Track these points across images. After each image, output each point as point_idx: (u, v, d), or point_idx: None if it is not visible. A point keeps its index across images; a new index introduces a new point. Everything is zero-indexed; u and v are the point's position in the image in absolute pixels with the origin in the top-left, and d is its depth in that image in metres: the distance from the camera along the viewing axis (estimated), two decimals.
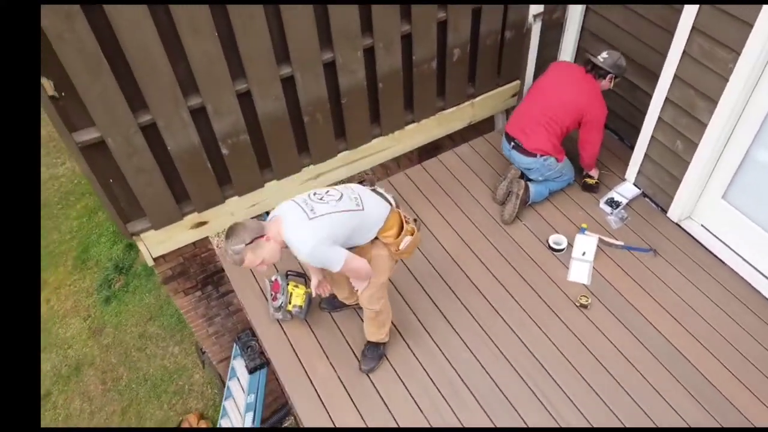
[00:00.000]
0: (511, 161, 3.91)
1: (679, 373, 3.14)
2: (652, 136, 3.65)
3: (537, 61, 4.20)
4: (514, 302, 3.47)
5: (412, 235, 2.82)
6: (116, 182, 3.26)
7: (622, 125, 4.16)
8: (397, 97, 3.85)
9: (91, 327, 6.30)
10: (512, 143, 3.77)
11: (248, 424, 4.30)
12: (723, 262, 3.58)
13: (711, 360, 3.19)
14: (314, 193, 2.69)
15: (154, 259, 3.74)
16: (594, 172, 4.01)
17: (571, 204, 3.95)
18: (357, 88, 3.62)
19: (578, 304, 3.42)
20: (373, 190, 2.88)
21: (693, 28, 3.11)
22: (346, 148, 3.92)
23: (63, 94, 2.82)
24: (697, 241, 3.69)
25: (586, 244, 3.64)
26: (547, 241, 3.71)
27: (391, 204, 2.84)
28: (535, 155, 3.69)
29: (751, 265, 3.48)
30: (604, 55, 3.63)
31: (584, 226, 3.78)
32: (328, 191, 2.72)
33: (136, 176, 3.24)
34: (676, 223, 3.77)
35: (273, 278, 3.47)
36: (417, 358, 3.28)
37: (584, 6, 3.97)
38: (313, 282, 3.17)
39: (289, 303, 3.37)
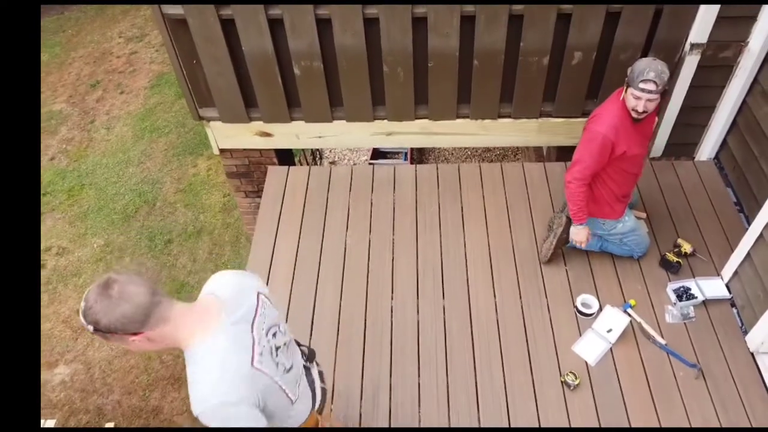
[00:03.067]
0: None
1: None
2: (761, 234, 2.79)
3: (683, 103, 3.42)
4: (497, 347, 2.98)
5: None
6: (198, 64, 3.51)
7: (756, 212, 3.23)
8: (494, 82, 3.47)
9: (226, 205, 7.01)
10: None
11: None
12: None
13: None
14: (273, 332, 1.79)
15: (221, 150, 4.00)
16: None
17: (634, 271, 3.23)
18: (447, 56, 3.35)
19: (561, 380, 2.84)
20: (306, 368, 2.05)
21: None
22: (427, 117, 3.69)
23: None
24: (765, 384, 2.78)
25: (616, 320, 2.98)
26: (576, 299, 3.12)
27: (314, 401, 2.05)
28: None
29: None
30: None
31: (632, 302, 3.08)
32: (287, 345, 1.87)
33: (210, 63, 3.45)
34: (752, 353, 2.88)
35: None
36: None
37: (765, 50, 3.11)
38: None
39: None
